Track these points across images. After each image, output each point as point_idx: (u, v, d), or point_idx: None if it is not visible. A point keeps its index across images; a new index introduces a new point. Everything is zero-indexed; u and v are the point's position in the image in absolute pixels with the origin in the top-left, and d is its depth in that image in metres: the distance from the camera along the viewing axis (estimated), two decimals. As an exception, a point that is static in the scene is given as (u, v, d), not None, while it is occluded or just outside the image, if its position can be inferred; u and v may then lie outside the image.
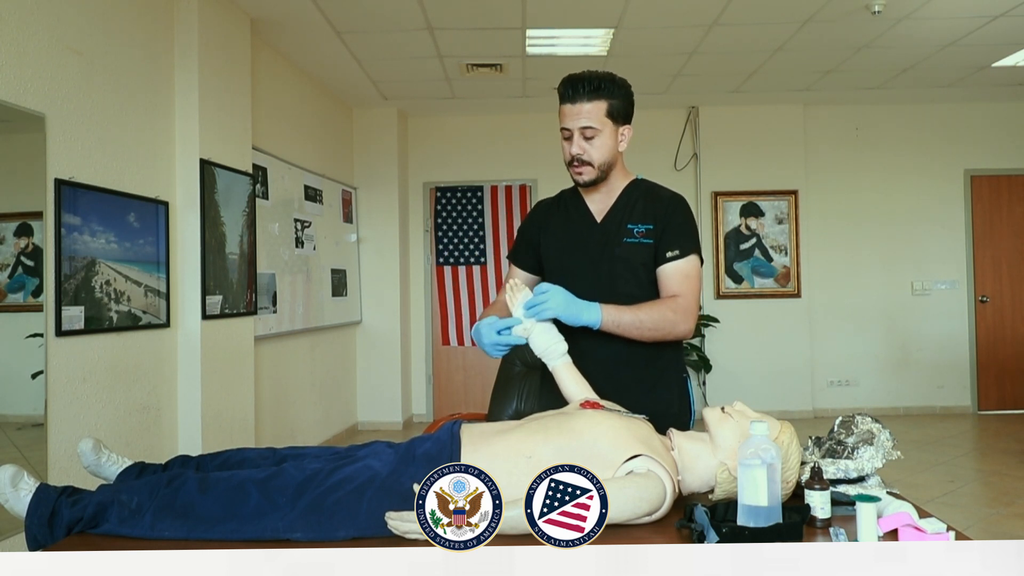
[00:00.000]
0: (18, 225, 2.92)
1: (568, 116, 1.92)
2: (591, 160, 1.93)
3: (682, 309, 1.90)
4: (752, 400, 2.03)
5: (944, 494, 4.46)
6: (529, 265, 2.13)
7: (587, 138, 1.92)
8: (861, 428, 1.63)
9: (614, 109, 1.92)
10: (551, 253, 2.07)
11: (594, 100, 1.90)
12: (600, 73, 1.93)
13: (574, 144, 1.93)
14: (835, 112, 7.01)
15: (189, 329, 3.85)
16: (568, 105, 1.91)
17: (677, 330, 1.90)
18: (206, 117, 3.96)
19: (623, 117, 1.95)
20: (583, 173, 1.95)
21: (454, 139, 7.11)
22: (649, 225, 1.97)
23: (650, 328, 1.87)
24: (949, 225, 7.00)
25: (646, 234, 1.97)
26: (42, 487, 1.48)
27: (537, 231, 2.11)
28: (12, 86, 2.80)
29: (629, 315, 1.86)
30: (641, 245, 1.97)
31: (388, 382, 6.73)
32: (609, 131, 1.93)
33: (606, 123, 1.92)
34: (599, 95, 1.90)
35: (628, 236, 1.97)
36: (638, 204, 2.00)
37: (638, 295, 1.94)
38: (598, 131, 1.91)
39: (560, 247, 2.06)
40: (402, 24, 4.76)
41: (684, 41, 5.20)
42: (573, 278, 1.96)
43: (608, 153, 1.95)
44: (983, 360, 6.99)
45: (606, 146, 1.94)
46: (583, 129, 1.90)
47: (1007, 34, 5.16)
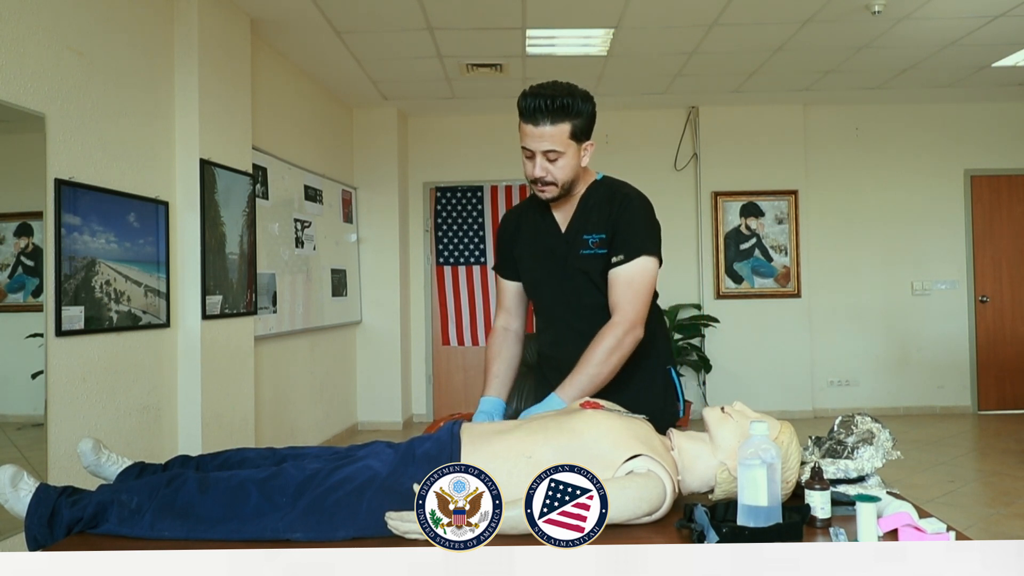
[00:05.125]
0: (18, 225, 2.92)
1: (530, 137, 1.84)
2: (555, 181, 1.89)
3: (624, 330, 1.86)
4: (752, 400, 2.04)
5: (944, 494, 4.46)
6: (511, 274, 2.13)
7: (551, 160, 1.86)
8: (861, 428, 1.63)
9: (577, 130, 1.85)
10: (524, 265, 2.08)
11: (558, 123, 1.82)
12: (562, 89, 1.83)
13: (537, 166, 1.87)
14: (835, 112, 7.01)
15: (189, 329, 3.85)
16: (530, 126, 1.83)
17: (628, 348, 1.87)
18: (206, 117, 3.95)
19: (586, 134, 1.88)
20: (546, 192, 1.92)
21: (454, 139, 7.11)
22: (602, 235, 1.93)
23: (609, 374, 1.84)
24: (949, 225, 7.00)
25: (600, 244, 1.93)
26: (42, 487, 1.48)
27: (511, 242, 2.10)
28: (12, 86, 2.80)
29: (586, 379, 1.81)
30: (596, 256, 1.93)
31: (388, 382, 6.73)
32: (572, 152, 1.87)
33: (569, 145, 1.85)
34: (563, 117, 1.81)
35: (584, 248, 1.94)
36: (594, 212, 1.96)
37: (603, 303, 1.92)
38: (562, 154, 1.85)
39: (531, 258, 2.06)
40: (402, 24, 4.76)
41: (684, 41, 5.20)
42: (542, 289, 2.00)
43: (571, 172, 1.90)
44: (983, 360, 6.98)
45: (569, 166, 1.88)
46: (547, 152, 1.84)
47: (1007, 34, 5.16)
